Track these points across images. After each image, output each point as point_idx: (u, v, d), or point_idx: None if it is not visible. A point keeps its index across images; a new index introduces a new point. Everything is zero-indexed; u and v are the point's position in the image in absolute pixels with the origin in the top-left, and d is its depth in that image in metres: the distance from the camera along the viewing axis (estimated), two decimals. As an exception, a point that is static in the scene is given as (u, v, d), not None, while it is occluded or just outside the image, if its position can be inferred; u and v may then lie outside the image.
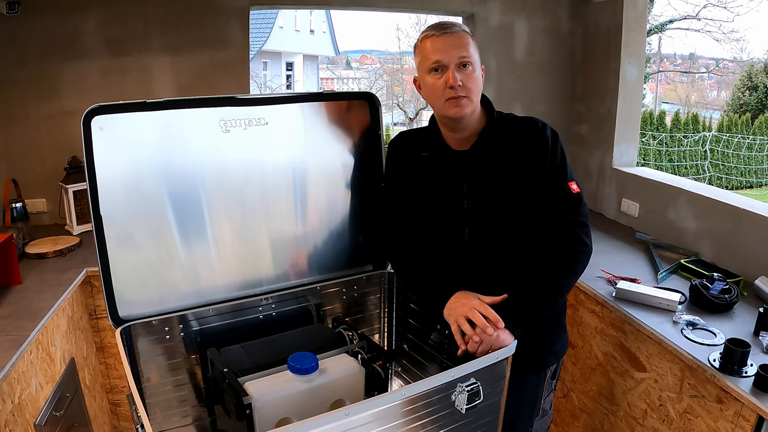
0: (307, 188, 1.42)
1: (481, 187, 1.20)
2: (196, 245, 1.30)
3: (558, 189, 1.17)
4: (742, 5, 14.19)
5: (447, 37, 1.12)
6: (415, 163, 1.27)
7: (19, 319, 1.45)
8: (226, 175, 1.30)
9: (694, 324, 1.44)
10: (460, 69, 1.12)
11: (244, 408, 1.09)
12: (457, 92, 1.12)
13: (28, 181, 2.18)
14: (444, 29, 1.13)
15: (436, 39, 1.13)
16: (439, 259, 1.27)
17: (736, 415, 1.21)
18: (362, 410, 0.90)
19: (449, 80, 1.11)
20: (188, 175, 1.26)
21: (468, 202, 1.21)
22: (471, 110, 1.15)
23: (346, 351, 1.31)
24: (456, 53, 1.11)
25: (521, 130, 1.20)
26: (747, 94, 11.70)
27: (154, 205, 1.24)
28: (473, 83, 1.13)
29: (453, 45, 1.11)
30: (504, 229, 1.20)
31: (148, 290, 1.27)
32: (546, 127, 1.19)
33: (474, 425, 1.07)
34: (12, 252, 1.64)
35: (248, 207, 1.35)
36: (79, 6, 2.13)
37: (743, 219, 1.77)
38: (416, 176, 1.27)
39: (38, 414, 1.39)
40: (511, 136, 1.19)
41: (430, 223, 1.27)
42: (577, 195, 1.18)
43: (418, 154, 1.26)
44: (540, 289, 1.16)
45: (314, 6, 2.66)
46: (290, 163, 1.38)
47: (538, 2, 2.53)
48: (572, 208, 1.18)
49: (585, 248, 1.18)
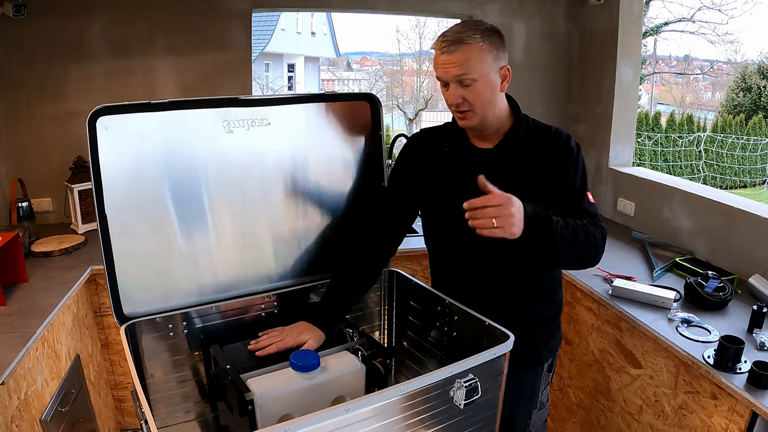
0: (309, 188, 1.42)
1: (499, 186, 1.18)
2: (200, 244, 1.31)
3: (578, 200, 1.18)
4: (736, 8, 14.26)
5: (446, 56, 1.10)
6: (434, 159, 1.27)
7: (25, 317, 1.46)
8: (229, 174, 1.31)
9: (689, 321, 1.46)
10: (460, 86, 1.12)
11: (247, 404, 1.10)
12: (459, 108, 1.14)
13: (34, 180, 2.20)
14: (445, 46, 1.11)
15: (439, 55, 1.12)
16: (449, 255, 1.29)
17: (730, 411, 1.23)
18: (362, 406, 0.90)
19: (449, 98, 1.13)
20: (192, 175, 1.27)
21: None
22: (478, 121, 1.16)
23: (346, 348, 1.31)
24: (454, 72, 1.10)
25: (546, 138, 1.20)
26: (741, 95, 11.73)
27: (159, 204, 1.24)
28: (476, 98, 1.12)
29: (452, 63, 1.10)
30: None
31: (152, 288, 1.27)
32: (570, 139, 1.20)
33: (472, 420, 1.07)
34: (18, 250, 1.65)
35: (251, 206, 1.36)
36: (84, 9, 2.15)
37: (737, 218, 1.79)
38: (434, 171, 1.27)
39: (44, 410, 1.41)
40: (536, 142, 1.20)
41: (444, 218, 1.28)
42: (594, 205, 1.20)
43: (440, 149, 1.27)
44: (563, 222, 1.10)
45: (315, 9, 2.68)
46: (292, 163, 1.39)
47: (535, 5, 2.56)
48: (594, 215, 1.19)
49: (598, 252, 1.17)
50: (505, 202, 1.02)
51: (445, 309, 1.31)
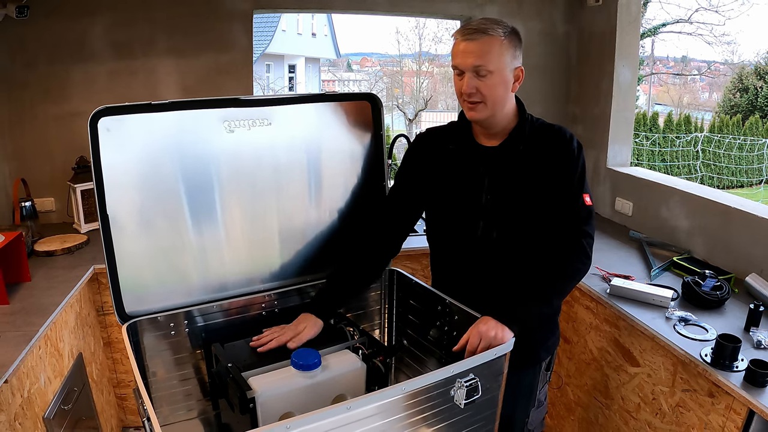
0: (309, 187, 1.43)
1: (503, 183, 1.21)
2: (201, 243, 1.31)
3: (573, 199, 1.20)
4: (733, 9, 14.31)
5: (468, 44, 1.12)
6: (440, 156, 1.28)
7: (28, 315, 1.47)
8: (230, 173, 1.31)
9: (687, 320, 1.47)
10: (476, 76, 1.13)
11: (248, 402, 1.10)
12: (471, 98, 1.14)
13: (37, 180, 2.21)
14: (467, 34, 1.12)
15: (460, 42, 1.13)
16: (450, 252, 1.30)
17: (727, 409, 1.23)
18: (363, 404, 0.91)
19: (463, 86, 1.14)
20: (193, 174, 1.27)
21: (487, 196, 1.22)
22: (487, 114, 1.17)
23: (347, 347, 1.32)
24: (472, 61, 1.11)
25: (550, 137, 1.22)
26: (738, 95, 11.78)
27: (160, 203, 1.25)
28: (489, 90, 1.13)
29: (472, 52, 1.11)
30: (516, 227, 1.23)
31: (153, 287, 1.28)
32: (573, 139, 1.21)
33: (472, 419, 1.08)
34: (21, 250, 1.66)
35: (251, 206, 1.36)
36: (87, 10, 2.16)
37: (734, 217, 1.80)
38: (439, 168, 1.28)
39: (47, 407, 1.42)
40: (540, 141, 1.21)
41: (446, 214, 1.29)
42: (588, 208, 1.21)
43: (445, 147, 1.28)
44: (539, 292, 1.18)
45: (316, 10, 2.69)
46: (293, 162, 1.39)
47: (534, 6, 2.57)
48: (582, 220, 1.20)
49: (586, 260, 1.20)
50: (480, 333, 1.11)
51: (445, 308, 1.32)
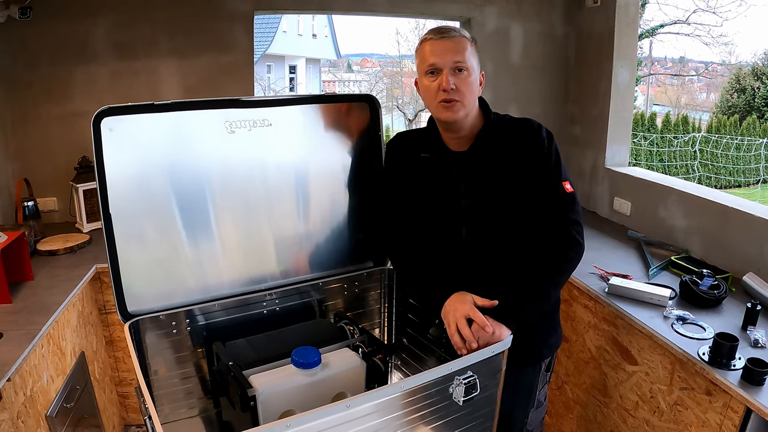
0: (309, 187, 1.44)
1: (479, 186, 1.22)
2: (202, 242, 1.33)
3: (552, 188, 1.19)
4: (731, 10, 14.33)
5: (444, 42, 1.14)
6: (413, 164, 1.29)
7: (31, 314, 1.48)
8: (231, 174, 1.33)
9: (684, 319, 1.47)
10: (454, 73, 1.14)
11: (249, 400, 1.12)
12: (450, 95, 1.14)
13: (39, 180, 2.22)
14: (442, 33, 1.15)
15: (434, 42, 1.15)
16: (436, 258, 1.29)
17: (724, 407, 1.24)
18: (363, 402, 0.92)
19: (442, 83, 1.13)
20: (194, 175, 1.29)
21: (465, 201, 1.23)
22: (463, 114, 1.17)
23: (347, 345, 1.33)
24: (451, 57, 1.13)
25: (517, 130, 1.22)
26: (735, 96, 11.83)
27: (162, 203, 1.26)
28: (467, 88, 1.14)
29: (449, 49, 1.13)
30: (500, 227, 1.22)
31: (155, 286, 1.29)
32: (541, 128, 1.21)
33: (471, 417, 1.09)
34: (24, 249, 1.67)
35: (252, 205, 1.37)
36: (89, 11, 2.17)
37: (731, 217, 1.81)
38: (415, 176, 1.29)
39: (49, 406, 1.43)
40: (508, 137, 1.21)
41: (429, 223, 1.29)
42: (570, 194, 1.20)
43: (417, 154, 1.28)
44: (534, 286, 1.18)
45: (316, 11, 2.70)
46: (293, 162, 1.40)
47: (533, 7, 2.58)
48: (566, 207, 1.19)
49: (578, 247, 1.20)
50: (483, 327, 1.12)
51: (444, 307, 1.33)
